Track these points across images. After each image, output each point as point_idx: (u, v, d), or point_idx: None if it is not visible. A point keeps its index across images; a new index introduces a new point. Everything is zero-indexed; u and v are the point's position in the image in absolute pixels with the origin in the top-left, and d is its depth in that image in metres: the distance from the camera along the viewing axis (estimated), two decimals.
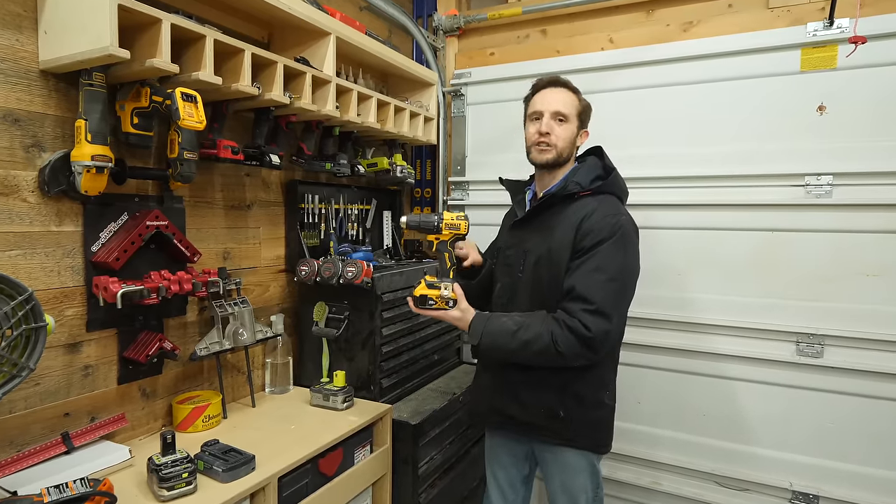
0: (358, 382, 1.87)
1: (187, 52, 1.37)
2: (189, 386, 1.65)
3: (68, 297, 1.33)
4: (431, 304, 1.44)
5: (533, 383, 1.48)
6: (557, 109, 1.49)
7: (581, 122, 1.53)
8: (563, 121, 1.49)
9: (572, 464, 1.50)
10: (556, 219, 1.48)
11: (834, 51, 1.85)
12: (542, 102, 1.51)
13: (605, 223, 1.40)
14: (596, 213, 1.42)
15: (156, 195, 1.52)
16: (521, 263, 1.51)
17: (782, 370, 1.95)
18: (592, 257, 1.38)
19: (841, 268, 1.86)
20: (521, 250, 1.52)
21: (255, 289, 1.86)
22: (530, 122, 1.54)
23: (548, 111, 1.49)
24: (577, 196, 1.47)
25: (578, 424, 1.48)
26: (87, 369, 1.37)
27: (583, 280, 1.37)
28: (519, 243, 1.54)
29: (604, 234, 1.38)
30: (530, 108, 1.55)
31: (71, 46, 1.19)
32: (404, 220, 1.46)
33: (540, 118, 1.50)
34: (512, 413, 1.53)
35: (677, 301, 2.11)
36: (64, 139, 1.30)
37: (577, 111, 1.52)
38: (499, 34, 2.55)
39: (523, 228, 1.55)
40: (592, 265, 1.38)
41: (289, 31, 1.80)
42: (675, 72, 2.10)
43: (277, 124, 1.76)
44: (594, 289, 1.35)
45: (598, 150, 1.59)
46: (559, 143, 1.49)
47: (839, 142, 1.85)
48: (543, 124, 1.48)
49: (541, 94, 1.53)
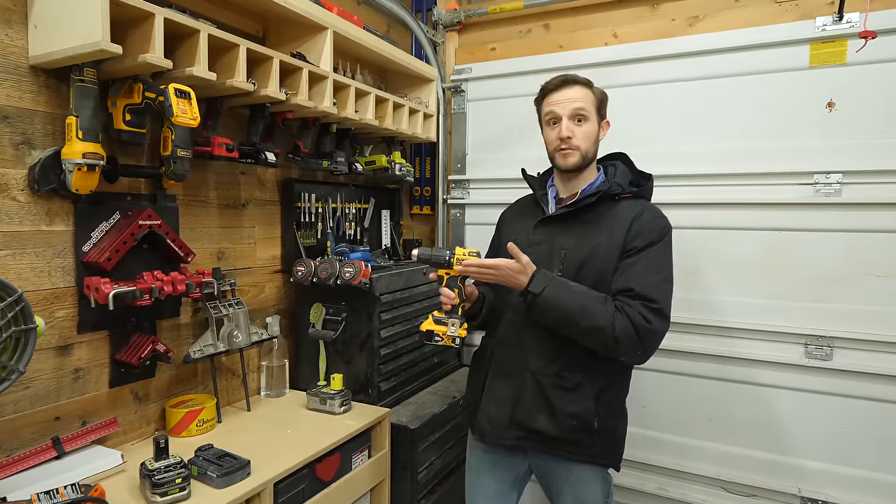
0: (356, 386, 1.87)
1: (181, 48, 1.37)
2: (183, 389, 1.65)
3: (59, 299, 1.33)
4: (438, 340, 1.43)
5: (569, 389, 1.41)
6: (574, 109, 1.45)
7: (600, 114, 1.51)
8: (583, 119, 1.46)
9: (586, 476, 1.46)
10: (600, 219, 1.45)
11: (843, 46, 1.85)
12: (556, 105, 1.47)
13: (656, 224, 1.42)
14: (645, 214, 1.43)
15: (149, 194, 1.52)
16: (561, 260, 1.44)
17: (790, 373, 1.95)
18: (646, 257, 1.39)
19: (851, 268, 1.86)
20: (557, 247, 1.46)
21: (250, 290, 1.86)
22: (548, 126, 1.50)
23: (565, 114, 1.45)
24: (617, 198, 1.47)
25: (607, 438, 1.44)
26: (78, 372, 1.37)
27: (640, 279, 1.37)
28: (549, 240, 1.48)
29: (654, 235, 1.40)
30: (545, 111, 1.50)
31: (62, 41, 1.19)
32: (416, 252, 1.42)
33: (558, 122, 1.46)
34: (540, 427, 1.42)
35: (682, 302, 2.10)
36: (54, 136, 1.30)
37: (595, 105, 1.48)
38: (500, 29, 2.55)
39: (552, 225, 1.49)
40: (648, 265, 1.39)
41: (285, 26, 1.80)
42: (680, 67, 2.10)
43: (273, 121, 1.76)
44: (653, 288, 1.36)
45: (624, 156, 1.60)
46: (582, 144, 1.45)
47: (849, 139, 1.85)
48: (564, 128, 1.44)
49: (553, 95, 1.48)
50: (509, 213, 1.72)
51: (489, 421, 1.49)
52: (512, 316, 1.49)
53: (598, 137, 1.50)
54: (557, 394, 1.41)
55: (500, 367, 1.51)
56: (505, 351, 1.49)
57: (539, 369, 1.43)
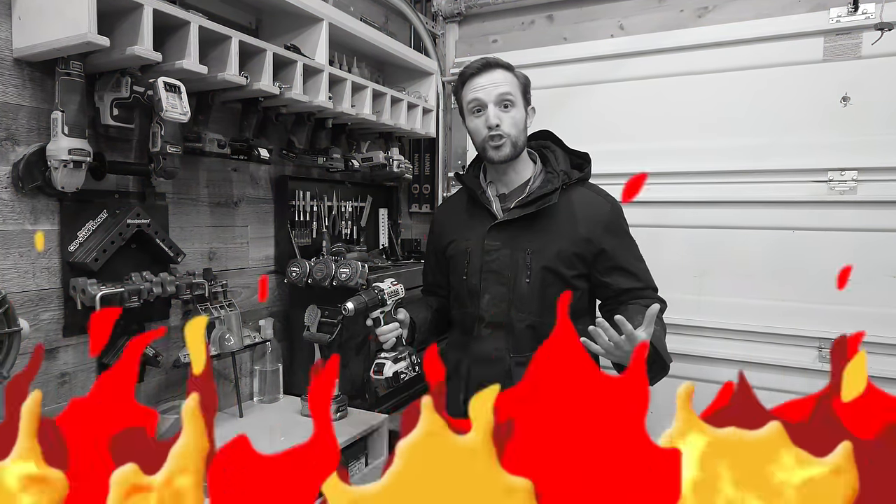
0: (352, 391, 1.87)
1: (170, 40, 1.37)
2: (172, 395, 1.65)
3: (44, 300, 1.33)
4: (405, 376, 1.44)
5: None
6: (500, 95, 1.40)
7: (526, 99, 1.47)
8: (510, 105, 1.41)
9: None
10: (554, 213, 1.42)
11: (859, 38, 1.86)
12: (480, 90, 1.41)
13: (616, 210, 1.46)
14: (602, 203, 1.46)
15: (137, 192, 1.52)
16: (527, 266, 1.42)
17: (803, 378, 1.95)
18: (627, 248, 1.45)
19: (866, 269, 1.86)
20: (519, 251, 1.43)
21: (242, 291, 1.86)
22: (472, 115, 1.44)
23: (490, 100, 1.40)
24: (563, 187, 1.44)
25: None
26: (63, 377, 1.37)
27: (636, 270, 1.44)
28: (508, 244, 1.44)
29: (619, 221, 1.46)
30: (468, 99, 1.44)
31: (47, 33, 1.19)
32: (350, 306, 1.37)
33: (483, 110, 1.41)
34: None
35: (690, 304, 2.11)
36: (39, 132, 1.30)
37: (521, 90, 1.45)
38: (502, 20, 2.55)
39: (507, 229, 1.45)
40: (631, 256, 1.45)
41: (279, 17, 1.80)
42: (688, 60, 2.10)
43: (266, 116, 1.75)
44: (647, 274, 1.46)
45: (551, 134, 1.56)
46: (512, 131, 1.41)
47: (864, 135, 1.85)
48: (491, 115, 1.39)
49: (476, 80, 1.43)
50: (445, 215, 1.66)
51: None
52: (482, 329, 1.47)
53: (525, 125, 1.46)
54: None
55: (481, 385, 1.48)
56: (483, 366, 1.47)
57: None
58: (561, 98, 2.29)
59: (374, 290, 1.42)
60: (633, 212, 1.55)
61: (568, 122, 1.92)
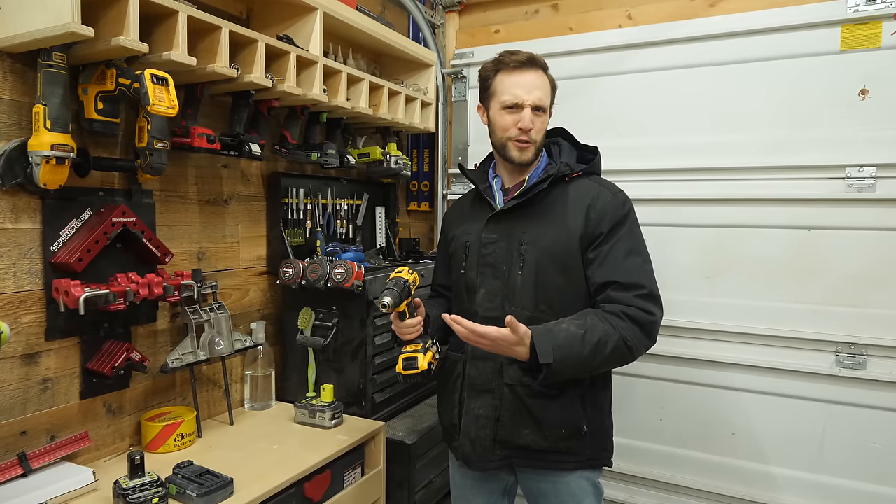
0: (348, 397, 1.87)
1: (158, 30, 1.37)
2: (160, 401, 1.65)
3: (25, 303, 1.33)
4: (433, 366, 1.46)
5: (552, 396, 1.41)
6: (538, 99, 1.44)
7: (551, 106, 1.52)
8: (542, 112, 1.46)
9: (575, 490, 1.48)
10: (554, 204, 1.46)
11: (878, 28, 1.85)
12: (522, 90, 1.44)
13: (616, 202, 1.44)
14: (601, 193, 1.45)
15: (123, 189, 1.52)
16: (521, 260, 1.45)
17: (820, 383, 1.95)
18: (619, 241, 1.41)
19: (886, 269, 1.86)
20: (514, 243, 1.45)
21: (233, 293, 1.86)
22: (504, 109, 1.46)
23: (529, 102, 1.43)
24: (567, 178, 1.48)
25: (598, 438, 1.47)
26: (45, 383, 1.37)
27: (622, 268, 1.39)
28: (505, 237, 1.47)
29: (617, 215, 1.43)
30: (503, 91, 1.46)
31: (28, 23, 1.19)
32: (388, 300, 1.35)
33: (520, 109, 1.44)
34: (525, 443, 1.43)
35: (702, 306, 2.11)
36: (20, 126, 1.30)
37: (552, 96, 1.50)
38: (504, 9, 2.55)
39: (504, 220, 1.48)
40: (624, 250, 1.41)
41: (271, 6, 1.80)
42: (700, 51, 2.10)
43: (258, 110, 1.76)
44: (637, 273, 1.39)
45: (563, 131, 1.60)
46: (538, 137, 1.46)
47: (883, 129, 1.85)
48: (526, 119, 1.43)
49: (518, 76, 1.45)
50: (454, 215, 1.69)
51: (472, 445, 1.48)
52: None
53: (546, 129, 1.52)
54: (540, 404, 1.42)
55: (474, 384, 1.49)
56: (477, 364, 1.48)
57: (517, 381, 1.43)
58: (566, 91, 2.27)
59: (401, 281, 1.41)
60: (642, 209, 1.55)
61: (573, 117, 1.91)
